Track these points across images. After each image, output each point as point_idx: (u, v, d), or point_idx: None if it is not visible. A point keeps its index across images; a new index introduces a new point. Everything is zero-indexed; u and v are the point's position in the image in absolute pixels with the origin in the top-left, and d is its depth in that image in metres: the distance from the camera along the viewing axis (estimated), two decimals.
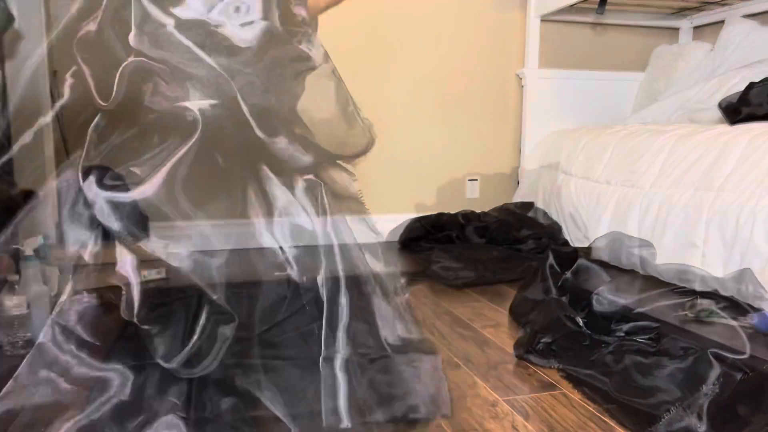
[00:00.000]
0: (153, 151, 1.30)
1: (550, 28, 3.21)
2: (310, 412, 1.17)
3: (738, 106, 2.21)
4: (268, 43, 1.39)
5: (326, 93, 1.56)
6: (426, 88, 3.07)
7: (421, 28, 3.03)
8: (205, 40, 1.31)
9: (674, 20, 3.35)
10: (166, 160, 1.27)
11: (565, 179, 2.81)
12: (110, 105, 1.29)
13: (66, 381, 1.20)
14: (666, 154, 2.27)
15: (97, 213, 1.25)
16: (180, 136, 1.27)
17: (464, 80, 3.12)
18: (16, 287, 1.49)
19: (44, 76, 2.40)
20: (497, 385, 1.32)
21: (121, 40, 1.32)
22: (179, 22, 1.31)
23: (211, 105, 1.30)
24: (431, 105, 3.09)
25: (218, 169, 1.41)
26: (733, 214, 1.91)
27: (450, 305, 1.94)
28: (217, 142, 1.34)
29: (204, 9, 1.34)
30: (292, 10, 1.49)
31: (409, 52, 3.01)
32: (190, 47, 1.27)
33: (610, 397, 1.20)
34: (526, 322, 1.63)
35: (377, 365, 1.27)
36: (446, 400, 1.20)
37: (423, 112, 3.08)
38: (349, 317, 1.31)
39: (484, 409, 1.20)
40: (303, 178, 1.41)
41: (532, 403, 1.22)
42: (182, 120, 1.28)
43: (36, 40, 2.37)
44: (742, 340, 1.60)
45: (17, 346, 1.49)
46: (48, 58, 2.44)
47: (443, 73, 3.08)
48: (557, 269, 1.79)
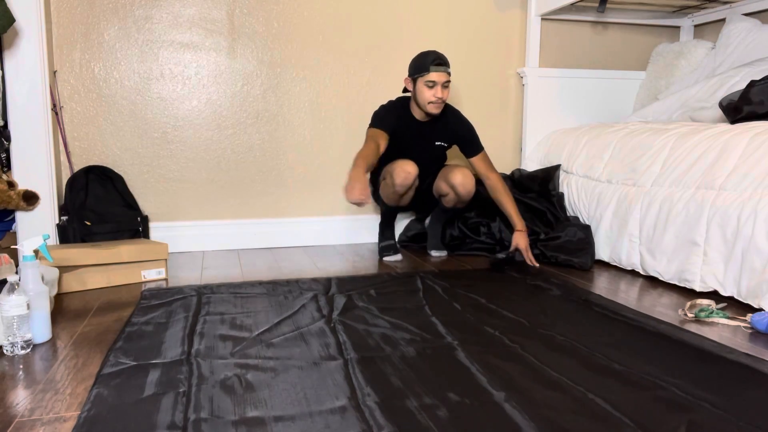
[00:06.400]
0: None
1: (550, 26, 3.21)
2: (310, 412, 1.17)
3: (739, 104, 2.21)
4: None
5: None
6: None
7: (422, 27, 3.02)
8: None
9: (675, 18, 3.34)
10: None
11: (566, 178, 2.80)
12: None
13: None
14: (667, 153, 2.27)
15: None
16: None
17: (465, 79, 3.12)
18: (16, 287, 1.49)
19: (44, 76, 2.40)
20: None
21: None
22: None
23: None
24: None
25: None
26: (734, 213, 1.91)
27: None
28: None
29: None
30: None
31: (409, 51, 3.01)
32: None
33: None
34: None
35: None
36: None
37: None
38: None
39: None
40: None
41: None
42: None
43: (36, 40, 2.37)
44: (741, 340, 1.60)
45: (17, 346, 1.49)
46: (48, 58, 2.44)
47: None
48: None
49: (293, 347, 1.52)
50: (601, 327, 1.69)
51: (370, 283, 2.17)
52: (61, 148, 2.64)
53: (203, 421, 1.13)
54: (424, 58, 2.42)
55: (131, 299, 2.01)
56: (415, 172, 2.46)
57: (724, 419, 1.14)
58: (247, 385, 1.29)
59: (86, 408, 1.18)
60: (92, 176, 2.62)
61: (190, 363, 1.41)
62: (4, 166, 2.39)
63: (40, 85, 2.39)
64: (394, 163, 2.49)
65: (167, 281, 2.26)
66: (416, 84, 2.44)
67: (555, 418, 1.14)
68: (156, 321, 1.74)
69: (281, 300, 1.96)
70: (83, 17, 2.63)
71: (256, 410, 1.17)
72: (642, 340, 1.58)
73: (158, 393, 1.25)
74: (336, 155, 2.98)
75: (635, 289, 2.14)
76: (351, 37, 2.94)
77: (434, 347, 1.52)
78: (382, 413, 1.15)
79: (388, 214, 2.71)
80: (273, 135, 2.90)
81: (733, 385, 1.29)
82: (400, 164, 2.46)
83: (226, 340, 1.57)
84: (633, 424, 1.12)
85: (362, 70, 2.97)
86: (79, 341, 1.59)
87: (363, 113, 2.98)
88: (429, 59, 2.40)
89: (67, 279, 2.09)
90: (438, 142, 2.60)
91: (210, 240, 2.87)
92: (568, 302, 1.94)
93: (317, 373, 1.35)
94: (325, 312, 1.82)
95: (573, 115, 3.21)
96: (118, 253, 2.17)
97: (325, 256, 2.71)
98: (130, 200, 2.68)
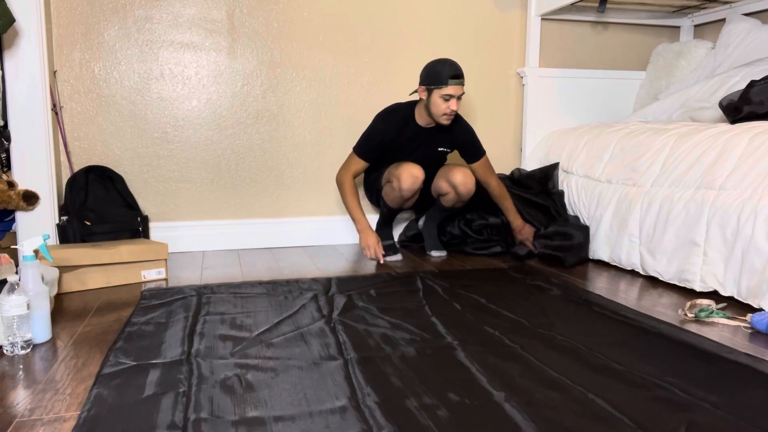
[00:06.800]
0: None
1: (550, 26, 3.21)
2: (310, 412, 1.17)
3: (739, 104, 2.21)
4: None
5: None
6: None
7: (422, 27, 3.02)
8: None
9: (675, 18, 3.34)
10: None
11: (566, 178, 2.80)
12: None
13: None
14: (667, 153, 2.27)
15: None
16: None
17: (465, 79, 3.11)
18: (16, 287, 1.49)
19: (44, 76, 2.40)
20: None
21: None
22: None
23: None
24: None
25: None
26: (734, 213, 1.91)
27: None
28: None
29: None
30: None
31: (410, 51, 3.01)
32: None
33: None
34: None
35: None
36: None
37: None
38: None
39: None
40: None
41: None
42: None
43: (36, 40, 2.37)
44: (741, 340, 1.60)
45: (17, 346, 1.49)
46: (48, 58, 2.44)
47: None
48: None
49: (293, 347, 1.52)
50: (601, 327, 1.69)
51: (370, 283, 2.17)
52: (61, 148, 2.64)
53: (203, 421, 1.13)
54: (440, 70, 2.35)
55: (131, 299, 2.01)
56: (423, 176, 2.48)
57: (724, 419, 1.14)
58: (247, 385, 1.29)
59: (86, 408, 1.18)
60: (92, 176, 2.62)
61: (190, 363, 1.41)
62: (4, 166, 2.39)
63: (40, 85, 2.39)
64: (400, 166, 2.49)
65: (167, 281, 2.26)
66: (431, 95, 2.40)
67: (555, 418, 1.14)
68: (156, 321, 1.74)
69: (281, 300, 1.96)
70: (83, 17, 2.63)
71: (256, 410, 1.17)
72: (642, 340, 1.58)
73: (158, 393, 1.25)
74: (336, 155, 2.98)
75: (635, 289, 2.14)
76: (351, 37, 2.94)
77: (434, 347, 1.52)
78: (382, 413, 1.15)
79: (387, 214, 2.71)
80: (273, 135, 2.90)
81: (733, 385, 1.29)
82: (408, 169, 2.46)
83: (226, 340, 1.57)
84: (633, 424, 1.12)
85: (362, 70, 2.97)
86: (79, 341, 1.59)
87: (363, 113, 2.98)
88: (446, 72, 2.34)
89: (67, 279, 2.09)
90: (441, 148, 2.60)
91: (210, 240, 2.87)
92: (568, 302, 1.94)
93: (317, 373, 1.35)
94: (325, 312, 1.82)
95: (573, 115, 3.21)
96: (118, 253, 2.17)
97: (325, 256, 2.71)
98: (130, 200, 2.68)
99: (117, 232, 2.54)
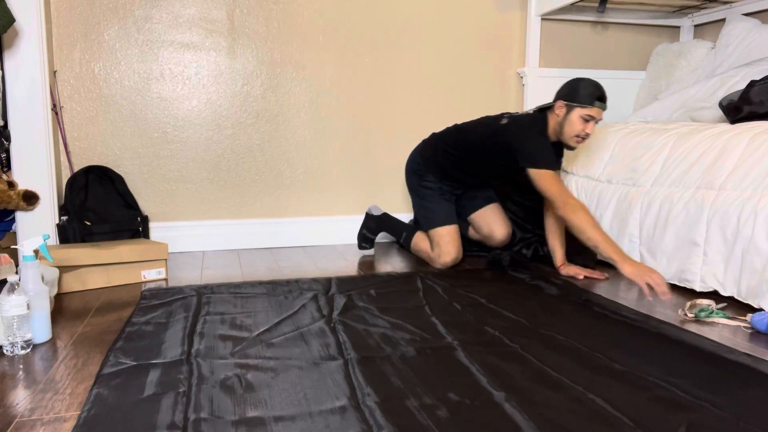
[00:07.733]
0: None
1: (550, 26, 3.21)
2: (310, 412, 1.17)
3: (739, 104, 2.21)
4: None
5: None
6: (427, 88, 3.07)
7: (422, 27, 3.02)
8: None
9: (675, 18, 3.34)
10: None
11: (565, 178, 2.80)
12: None
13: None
14: (667, 153, 2.27)
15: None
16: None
17: (465, 79, 3.12)
18: (16, 287, 1.49)
19: (44, 76, 2.40)
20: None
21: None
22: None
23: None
24: (432, 104, 3.09)
25: None
26: (734, 213, 1.91)
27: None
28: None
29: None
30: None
31: (410, 51, 3.01)
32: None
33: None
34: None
35: None
36: None
37: (424, 111, 3.08)
38: None
39: None
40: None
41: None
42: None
43: (36, 40, 2.37)
44: (741, 340, 1.60)
45: (17, 346, 1.49)
46: (48, 58, 2.44)
47: (444, 72, 3.08)
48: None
49: (293, 347, 1.52)
50: (601, 327, 1.69)
51: (370, 283, 2.17)
52: (61, 148, 2.64)
53: (203, 421, 1.13)
54: (587, 89, 2.19)
55: (131, 299, 2.01)
56: (461, 257, 2.52)
57: (724, 419, 1.14)
58: (247, 385, 1.29)
59: (86, 408, 1.18)
60: (92, 176, 2.62)
61: (190, 363, 1.41)
62: (4, 166, 2.39)
63: (40, 85, 2.39)
64: (443, 239, 2.48)
65: (167, 281, 2.26)
66: (570, 112, 2.21)
67: (555, 418, 1.14)
68: (156, 321, 1.74)
69: (281, 300, 1.96)
70: (83, 17, 2.63)
71: (256, 410, 1.17)
72: (642, 340, 1.58)
73: (158, 393, 1.25)
74: (336, 155, 2.98)
75: (635, 289, 2.14)
76: (351, 38, 2.94)
77: (434, 347, 1.52)
78: (382, 413, 1.15)
79: (390, 233, 2.78)
80: (273, 135, 2.90)
81: (733, 385, 1.29)
82: (452, 244, 2.48)
83: (226, 340, 1.57)
84: (633, 424, 1.12)
85: (362, 70, 2.97)
86: (79, 341, 1.59)
87: (363, 113, 2.98)
88: (595, 92, 2.18)
89: (67, 279, 2.09)
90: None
91: (210, 240, 2.87)
92: (568, 302, 1.94)
93: (317, 373, 1.35)
94: (325, 312, 1.82)
95: None
96: (118, 253, 2.17)
97: (325, 256, 2.71)
98: (130, 200, 2.68)
99: (117, 232, 2.54)
